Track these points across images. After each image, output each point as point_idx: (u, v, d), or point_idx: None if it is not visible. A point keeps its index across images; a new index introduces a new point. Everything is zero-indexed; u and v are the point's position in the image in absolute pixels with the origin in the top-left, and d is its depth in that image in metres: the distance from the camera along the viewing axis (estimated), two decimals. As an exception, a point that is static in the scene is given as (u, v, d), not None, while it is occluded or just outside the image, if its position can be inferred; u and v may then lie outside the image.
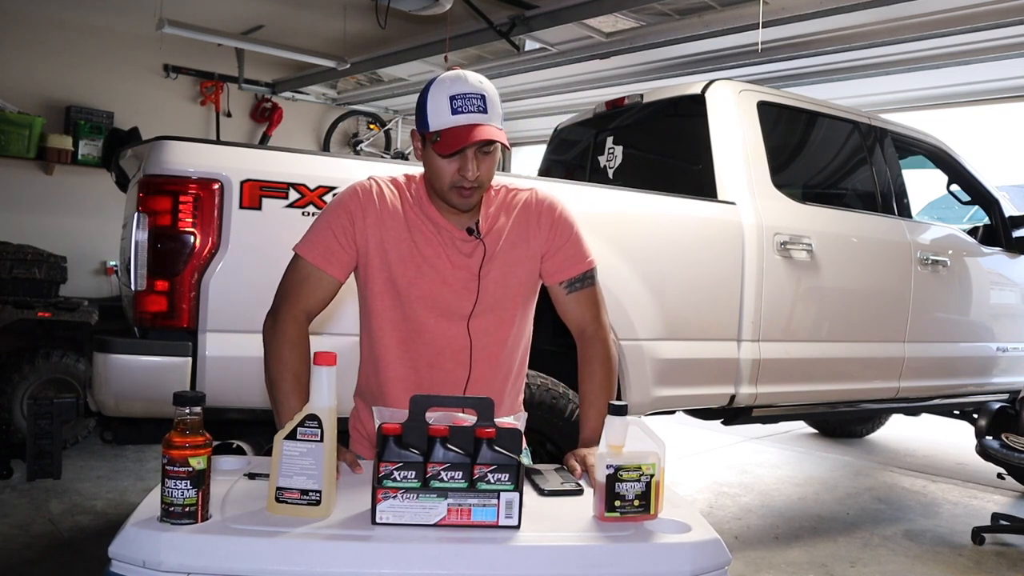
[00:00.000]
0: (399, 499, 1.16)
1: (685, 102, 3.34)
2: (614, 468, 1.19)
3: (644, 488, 1.20)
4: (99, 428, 2.91)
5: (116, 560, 1.09)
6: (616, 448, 1.22)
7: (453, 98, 1.45)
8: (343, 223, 1.54)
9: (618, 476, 1.19)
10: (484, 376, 1.59)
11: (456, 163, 1.48)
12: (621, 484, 1.19)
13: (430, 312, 1.56)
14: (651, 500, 1.21)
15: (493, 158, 1.52)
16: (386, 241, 1.54)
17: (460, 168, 1.48)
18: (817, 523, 3.73)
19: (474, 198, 1.52)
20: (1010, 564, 3.27)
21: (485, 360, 1.59)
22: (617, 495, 1.20)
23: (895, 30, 4.11)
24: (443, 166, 1.49)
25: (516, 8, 4.38)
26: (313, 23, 5.25)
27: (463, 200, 1.52)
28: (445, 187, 1.51)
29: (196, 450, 1.10)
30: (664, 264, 2.84)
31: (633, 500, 1.20)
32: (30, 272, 4.30)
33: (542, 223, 1.61)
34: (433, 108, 1.47)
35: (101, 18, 5.52)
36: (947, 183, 4.17)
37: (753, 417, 3.25)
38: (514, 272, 1.59)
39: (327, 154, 4.93)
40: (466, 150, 1.47)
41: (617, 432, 1.23)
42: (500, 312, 1.59)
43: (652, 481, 1.21)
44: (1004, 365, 4.12)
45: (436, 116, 1.47)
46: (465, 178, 1.48)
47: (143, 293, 2.14)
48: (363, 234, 1.54)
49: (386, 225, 1.55)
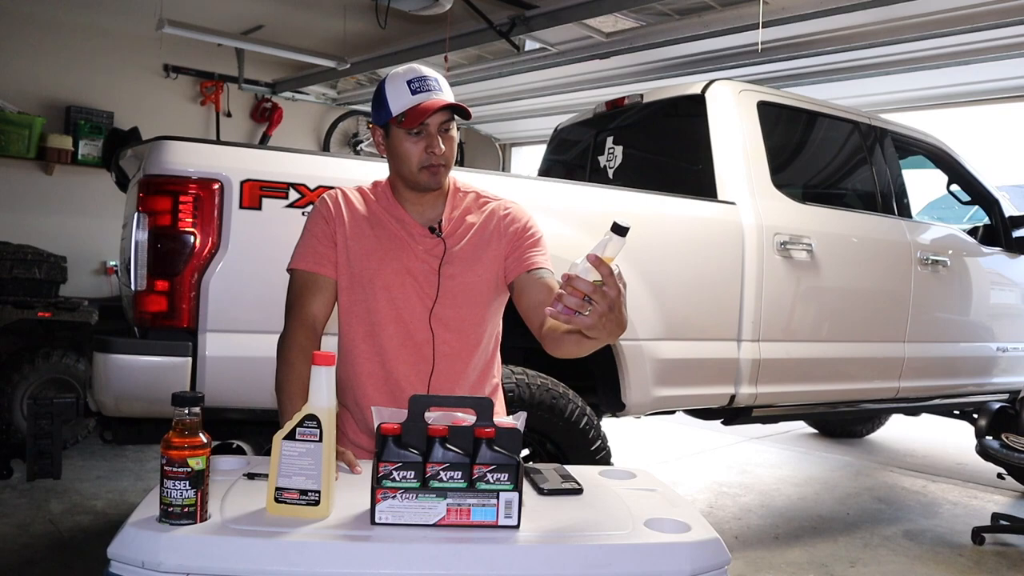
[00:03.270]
0: (398, 499, 1.16)
1: (685, 102, 3.34)
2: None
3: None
4: (99, 428, 2.91)
5: (115, 560, 1.09)
6: (609, 259, 1.22)
7: (410, 82, 1.56)
8: (320, 226, 1.62)
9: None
10: (447, 371, 1.62)
11: (422, 142, 1.57)
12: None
13: (392, 304, 1.60)
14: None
15: (453, 138, 1.60)
16: (351, 239, 1.61)
17: (427, 146, 1.56)
18: (817, 523, 3.73)
19: (441, 175, 1.59)
20: (1010, 564, 3.27)
21: (448, 355, 1.61)
22: None
23: (895, 30, 4.11)
24: (409, 148, 1.57)
25: (516, 8, 4.38)
26: (313, 23, 5.25)
27: (433, 178, 1.59)
28: (415, 168, 1.58)
29: (195, 451, 1.10)
30: (664, 264, 2.84)
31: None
32: (30, 272, 4.30)
33: (505, 226, 1.65)
34: (392, 94, 1.57)
35: (101, 18, 5.53)
36: (947, 183, 4.17)
37: (753, 417, 3.25)
38: (475, 271, 1.62)
39: (327, 154, 4.93)
40: (429, 126, 1.56)
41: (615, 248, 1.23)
42: (462, 310, 1.62)
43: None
44: (1004, 365, 4.12)
45: (396, 100, 1.56)
46: (433, 153, 1.56)
47: (143, 293, 2.14)
48: (340, 232, 1.61)
49: (353, 225, 1.62)
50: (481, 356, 1.67)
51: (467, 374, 1.65)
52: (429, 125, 1.56)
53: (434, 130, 1.56)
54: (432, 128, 1.56)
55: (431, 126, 1.56)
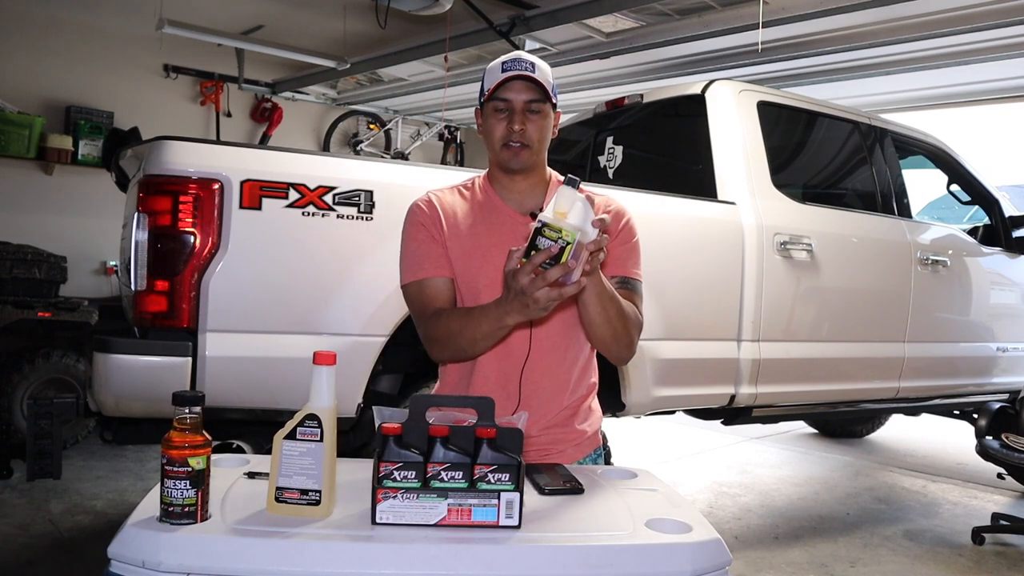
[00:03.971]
0: (399, 499, 1.15)
1: (685, 102, 3.34)
2: (542, 224, 1.24)
3: (558, 251, 1.25)
4: (99, 428, 2.91)
5: (115, 560, 1.09)
6: (560, 214, 1.25)
7: (505, 62, 1.55)
8: (420, 234, 1.59)
9: (542, 231, 1.24)
10: (544, 361, 1.59)
11: (505, 119, 1.55)
12: (542, 239, 1.24)
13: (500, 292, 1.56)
14: (559, 262, 1.25)
15: (542, 120, 1.57)
16: (452, 241, 1.59)
17: (509, 122, 1.54)
18: (817, 523, 3.73)
19: (524, 156, 1.56)
20: (1010, 564, 3.27)
21: (546, 344, 1.59)
22: (535, 246, 1.25)
23: (895, 30, 4.11)
24: (494, 124, 1.56)
25: (516, 8, 4.38)
26: (313, 23, 5.25)
27: (513, 157, 1.56)
28: (497, 146, 1.56)
29: (196, 450, 1.10)
30: (664, 264, 2.84)
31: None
32: (30, 272, 4.30)
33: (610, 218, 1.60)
34: (489, 76, 1.56)
35: (101, 18, 5.53)
36: (947, 183, 4.17)
37: (753, 417, 3.25)
38: None
39: (327, 154, 4.93)
40: (513, 103, 1.53)
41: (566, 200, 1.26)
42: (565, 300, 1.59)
43: (566, 249, 1.25)
44: (1004, 365, 4.12)
45: (490, 78, 1.55)
46: (512, 130, 1.53)
47: (143, 293, 2.14)
48: (440, 237, 1.59)
49: (452, 228, 1.59)
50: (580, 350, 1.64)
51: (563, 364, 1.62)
52: (513, 102, 1.54)
53: (519, 107, 1.53)
54: (517, 105, 1.53)
55: (515, 103, 1.54)
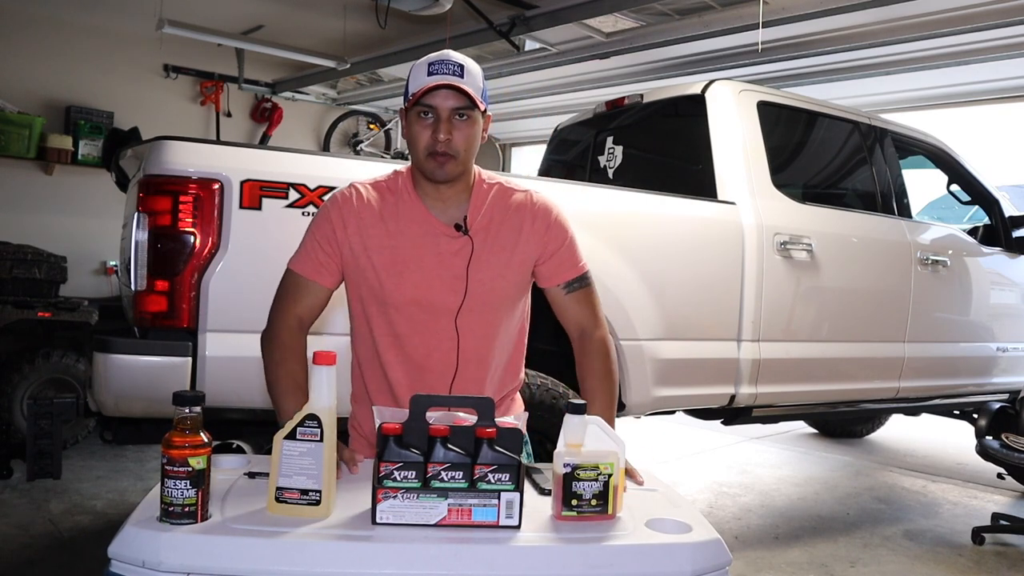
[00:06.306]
0: (399, 499, 1.15)
1: (685, 102, 3.34)
2: (571, 467, 1.18)
3: (602, 488, 1.19)
4: (99, 428, 2.92)
5: (116, 560, 1.09)
6: (574, 447, 1.20)
7: (431, 64, 1.48)
8: (326, 233, 1.55)
9: (575, 475, 1.18)
10: (472, 375, 1.58)
11: (430, 127, 1.48)
12: (578, 483, 1.18)
13: (417, 313, 1.55)
14: (608, 500, 1.20)
15: (470, 128, 1.50)
16: (369, 248, 1.54)
17: (434, 131, 1.47)
18: (817, 523, 3.72)
19: (449, 167, 1.49)
20: (1010, 564, 3.27)
21: (473, 360, 1.58)
22: (574, 494, 1.18)
23: (895, 30, 4.11)
24: (418, 132, 1.49)
25: (516, 8, 4.38)
26: (313, 23, 5.24)
27: (438, 168, 1.49)
28: (422, 155, 1.49)
29: (196, 450, 1.10)
30: (664, 264, 2.84)
31: (590, 499, 1.19)
32: (30, 272, 4.30)
33: (537, 227, 1.58)
34: (414, 78, 1.50)
35: (101, 18, 5.52)
36: (947, 183, 4.17)
37: (753, 417, 3.25)
38: (503, 274, 1.56)
39: (327, 154, 4.93)
40: (439, 110, 1.47)
41: (575, 430, 1.21)
42: (489, 312, 1.57)
43: (610, 481, 1.19)
44: (1004, 365, 4.12)
45: (415, 82, 1.49)
46: (437, 140, 1.46)
47: (143, 293, 2.14)
48: (346, 242, 1.54)
49: (367, 232, 1.54)
50: (505, 357, 1.64)
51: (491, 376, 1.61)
52: (438, 109, 1.47)
53: (445, 115, 1.46)
54: (443, 113, 1.46)
55: (441, 110, 1.47)
